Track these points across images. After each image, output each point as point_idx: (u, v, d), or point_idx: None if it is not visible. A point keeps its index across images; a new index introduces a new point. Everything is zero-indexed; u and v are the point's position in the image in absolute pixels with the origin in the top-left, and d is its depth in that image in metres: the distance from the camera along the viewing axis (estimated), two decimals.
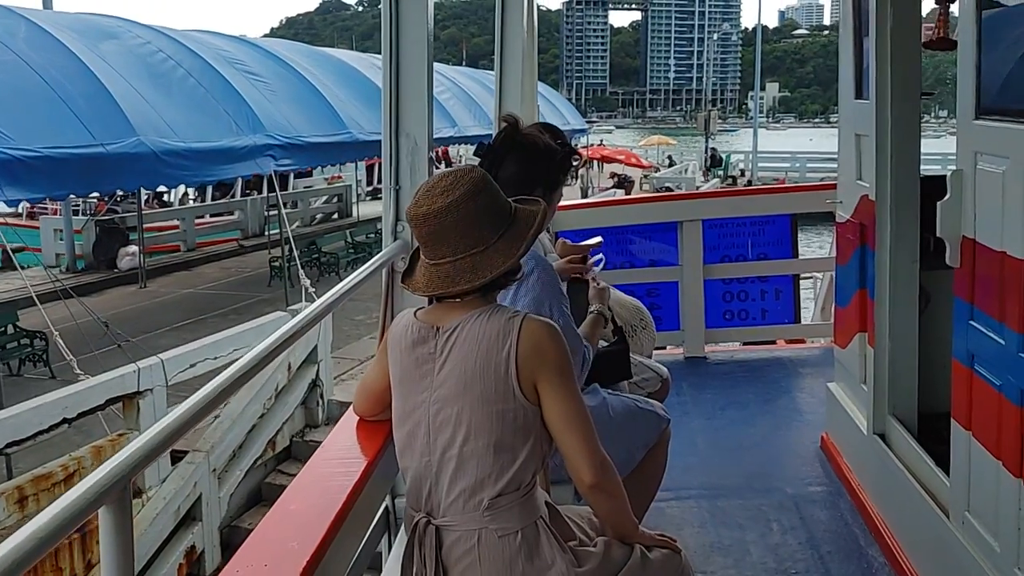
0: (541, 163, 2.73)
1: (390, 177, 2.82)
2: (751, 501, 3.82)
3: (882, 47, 3.35)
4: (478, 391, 1.97)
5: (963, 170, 2.57)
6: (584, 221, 5.82)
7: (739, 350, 5.98)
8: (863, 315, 3.73)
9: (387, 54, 2.79)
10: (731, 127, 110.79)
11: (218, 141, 11.15)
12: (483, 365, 1.97)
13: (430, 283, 2.04)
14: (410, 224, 2.06)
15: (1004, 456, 2.37)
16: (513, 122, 2.70)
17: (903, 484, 3.19)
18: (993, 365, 2.42)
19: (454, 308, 2.07)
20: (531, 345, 1.98)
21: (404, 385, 2.09)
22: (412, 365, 2.07)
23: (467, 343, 2.00)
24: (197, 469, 7.48)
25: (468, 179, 2.04)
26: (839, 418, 4.05)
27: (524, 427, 2.01)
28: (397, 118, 2.83)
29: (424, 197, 2.03)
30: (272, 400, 8.50)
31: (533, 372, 1.99)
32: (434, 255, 2.03)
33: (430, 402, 2.03)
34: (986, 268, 2.44)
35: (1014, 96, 2.36)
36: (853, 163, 3.85)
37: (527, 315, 2.02)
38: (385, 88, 2.82)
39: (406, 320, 2.13)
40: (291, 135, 12.44)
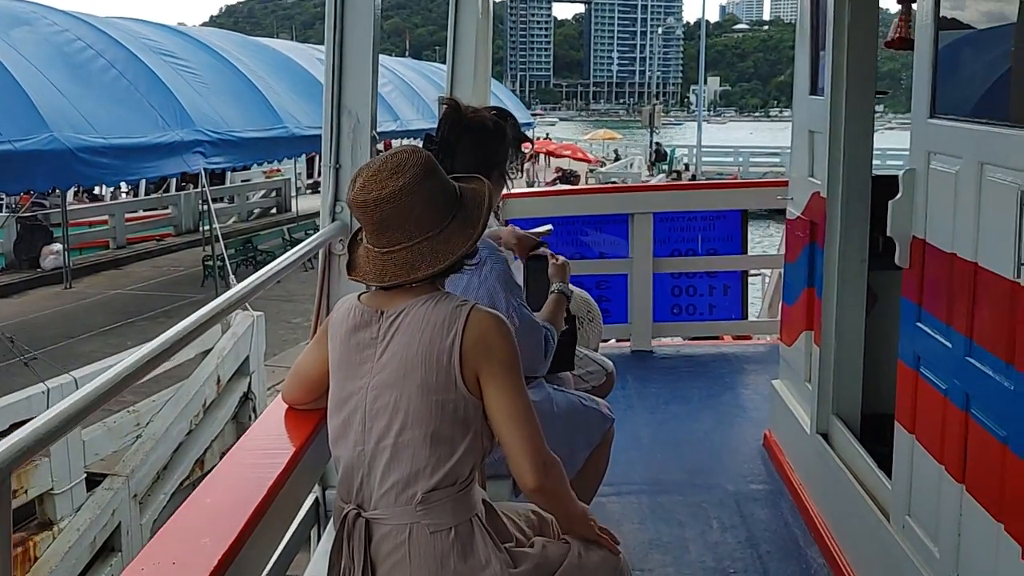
0: (495, 143, 2.63)
1: (330, 155, 2.70)
2: (692, 498, 3.78)
3: (839, 43, 3.30)
4: (419, 379, 1.89)
5: (915, 169, 2.53)
6: (535, 210, 5.74)
7: (685, 345, 5.95)
8: (810, 313, 3.71)
9: (331, 25, 2.66)
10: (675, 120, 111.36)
11: (141, 137, 10.39)
12: (426, 352, 1.89)
13: (384, 272, 1.93)
14: (356, 211, 1.94)
15: (947, 461, 2.34)
16: (455, 104, 2.58)
17: (844, 485, 3.16)
18: (939, 368, 2.38)
19: (401, 293, 1.97)
20: (477, 336, 1.90)
21: (342, 370, 1.99)
22: (352, 350, 1.97)
23: (411, 329, 1.91)
24: (116, 495, 6.80)
25: (416, 160, 1.94)
26: (782, 416, 4.03)
27: (464, 419, 1.92)
28: (339, 93, 2.71)
29: (371, 181, 1.91)
30: (200, 416, 7.91)
31: (477, 364, 1.91)
32: (387, 242, 1.92)
33: (368, 388, 1.94)
34: (935, 270, 2.41)
35: (969, 96, 2.33)
36: (805, 160, 3.82)
37: (475, 305, 1.93)
38: (328, 61, 2.70)
39: (348, 304, 2.03)
40: (222, 130, 11.74)
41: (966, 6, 2.46)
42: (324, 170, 2.71)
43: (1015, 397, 1.98)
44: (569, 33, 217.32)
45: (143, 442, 7.19)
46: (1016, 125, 2.02)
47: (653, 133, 39.71)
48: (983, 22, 2.35)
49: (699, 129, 36.56)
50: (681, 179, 32.32)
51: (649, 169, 34.72)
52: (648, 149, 38.30)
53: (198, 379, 7.78)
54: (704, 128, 38.10)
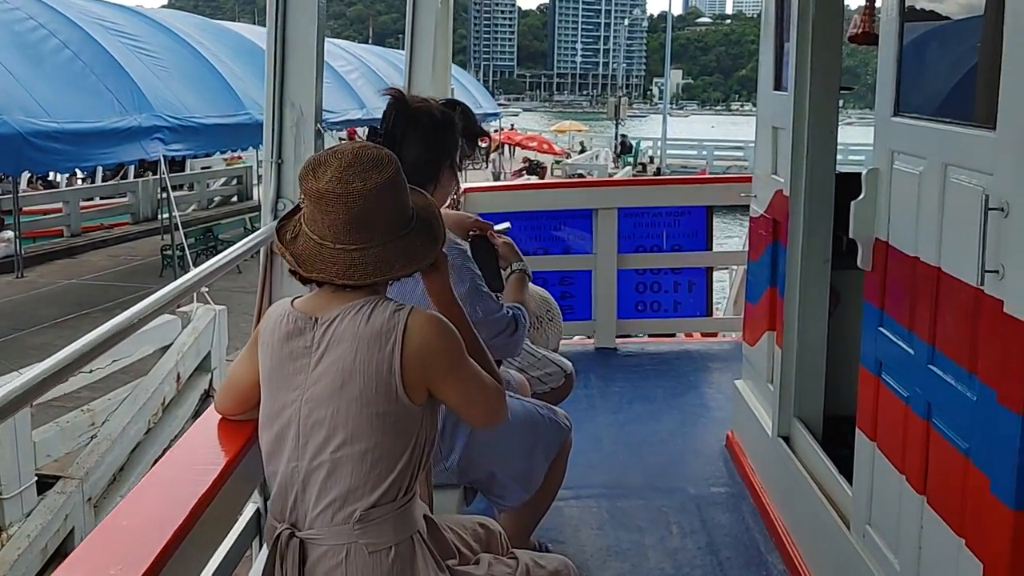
0: (444, 135, 2.52)
1: (271, 150, 2.57)
2: (652, 502, 3.70)
3: (803, 38, 3.23)
4: (356, 391, 1.78)
5: (879, 169, 2.45)
6: (498, 204, 5.63)
7: (649, 342, 5.87)
8: (772, 313, 3.63)
9: (272, 11, 2.53)
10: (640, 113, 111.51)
11: (97, 122, 9.86)
12: (364, 362, 1.78)
13: (356, 269, 1.81)
14: (323, 202, 1.79)
15: (908, 471, 2.27)
16: (399, 96, 2.47)
17: (806, 491, 3.09)
18: (901, 375, 2.31)
19: (338, 296, 1.86)
20: (418, 344, 1.79)
21: (275, 382, 1.88)
22: (285, 359, 1.86)
23: (347, 337, 1.80)
24: (69, 499, 6.35)
25: (391, 157, 1.85)
26: (745, 417, 3.96)
27: (406, 431, 1.82)
28: (282, 85, 2.57)
29: (348, 173, 1.79)
30: (159, 415, 7.54)
31: (422, 373, 1.82)
32: (357, 239, 1.81)
33: (302, 401, 1.82)
34: (898, 273, 2.33)
35: (933, 93, 2.25)
36: (769, 157, 3.74)
37: (413, 309, 1.83)
38: (270, 50, 2.56)
39: (281, 309, 1.91)
40: (182, 116, 11.19)
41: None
42: (265, 165, 2.58)
43: (977, 408, 1.90)
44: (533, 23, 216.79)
45: (98, 442, 6.86)
46: (980, 125, 1.94)
47: (618, 125, 39.42)
48: (950, 15, 2.27)
49: (664, 122, 36.49)
50: (647, 172, 32.25)
51: (615, 161, 34.47)
52: (613, 141, 38.01)
53: (157, 376, 7.49)
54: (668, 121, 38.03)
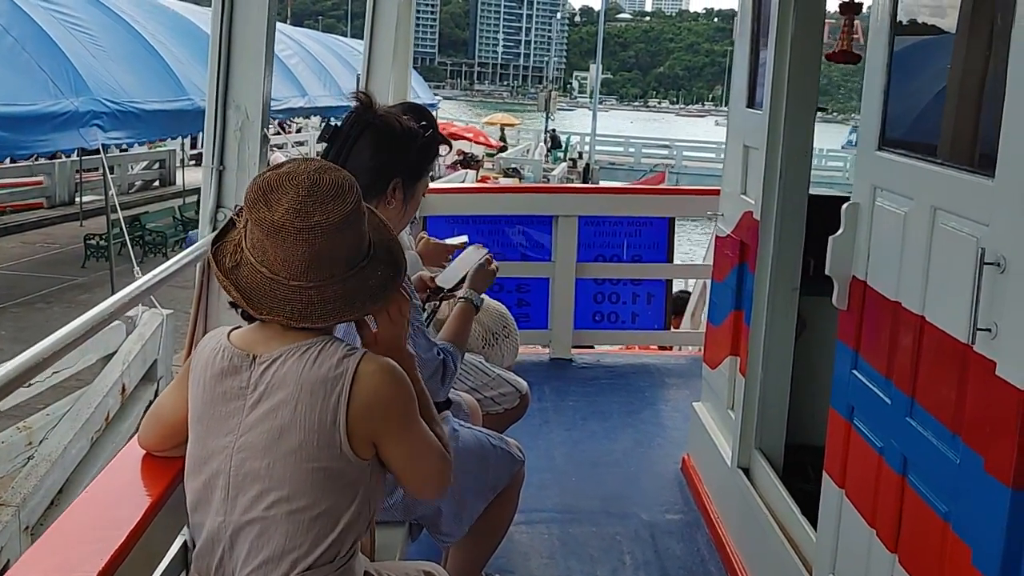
0: (399, 149, 2.33)
1: (212, 155, 2.37)
2: (605, 529, 3.56)
3: (780, 55, 3.10)
4: (295, 443, 1.59)
5: (859, 204, 2.32)
6: (457, 207, 5.46)
7: (606, 353, 5.75)
8: (736, 338, 3.52)
9: (218, 6, 2.32)
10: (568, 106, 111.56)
11: (31, 105, 8.88)
12: (305, 411, 1.59)
13: (313, 309, 1.62)
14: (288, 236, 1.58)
15: (879, 525, 2.15)
16: (367, 101, 2.29)
17: (765, 528, 2.98)
18: (875, 424, 2.19)
19: (283, 334, 1.66)
20: (368, 394, 1.61)
21: (204, 424, 1.68)
22: (217, 400, 1.66)
23: (288, 382, 1.61)
24: (5, 530, 5.61)
25: (351, 181, 1.65)
26: (702, 442, 3.85)
27: (350, 488, 1.64)
28: (226, 85, 2.37)
29: (309, 202, 1.58)
30: (101, 431, 6.81)
31: (370, 428, 1.64)
32: (316, 276, 1.61)
33: (234, 449, 1.63)
34: (876, 316, 2.21)
35: (925, 130, 2.13)
36: (738, 176, 3.62)
37: (365, 355, 1.64)
38: (214, 46, 2.35)
39: (215, 342, 1.71)
40: (121, 100, 10.19)
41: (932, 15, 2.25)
42: (204, 172, 2.38)
43: (961, 473, 1.79)
44: (455, 11, 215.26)
45: (35, 464, 6.09)
46: (976, 171, 1.82)
47: (548, 119, 38.66)
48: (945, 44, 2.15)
49: (594, 118, 36.27)
50: (576, 167, 31.89)
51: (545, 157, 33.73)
52: (542, 135, 37.16)
53: (100, 388, 6.80)
54: (586, 115, 37.71)
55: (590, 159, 33.43)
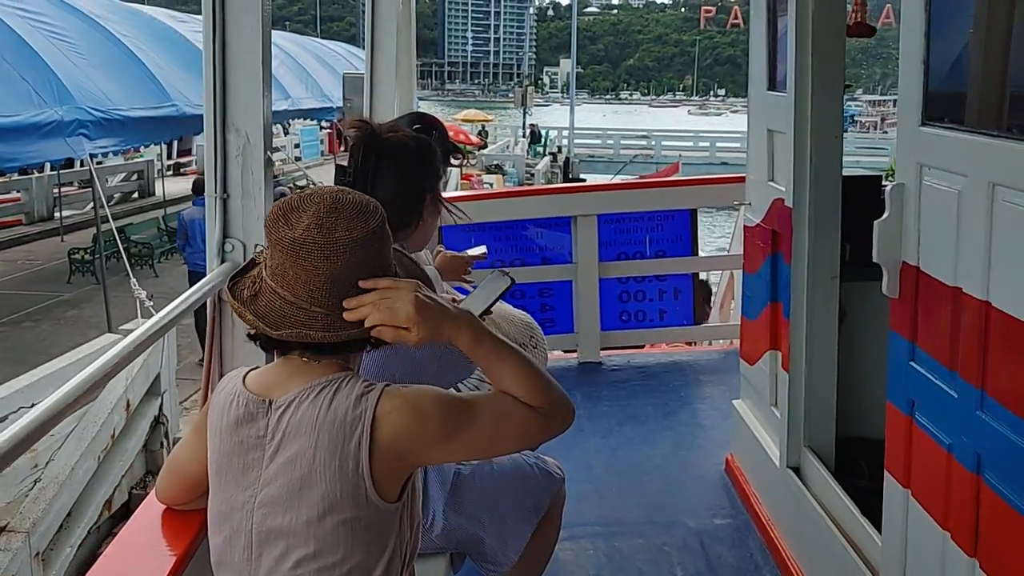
0: (420, 164, 2.21)
1: (215, 183, 2.24)
2: (652, 540, 3.42)
3: (802, 34, 2.94)
4: (317, 495, 1.46)
5: (905, 185, 2.17)
6: (472, 214, 5.30)
7: (636, 353, 5.59)
8: (775, 332, 3.36)
9: (209, 21, 2.20)
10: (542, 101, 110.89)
11: (15, 116, 8.60)
12: (325, 461, 1.46)
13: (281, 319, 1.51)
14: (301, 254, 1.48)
15: (953, 528, 2.00)
16: (367, 128, 2.14)
17: (823, 531, 2.82)
18: (941, 419, 2.04)
19: (299, 372, 1.53)
20: (391, 434, 1.47)
21: (223, 476, 1.56)
22: (235, 450, 1.54)
23: (304, 427, 1.48)
24: (15, 557, 5.40)
25: (373, 203, 1.54)
26: (746, 441, 3.69)
27: (380, 535, 1.51)
28: (224, 107, 2.25)
29: (331, 218, 1.48)
30: (108, 449, 6.67)
31: (398, 465, 1.50)
32: (337, 299, 1.51)
33: (255, 504, 1.50)
34: (934, 304, 2.05)
35: (974, 99, 1.97)
36: (764, 162, 3.46)
37: (384, 390, 1.50)
38: (207, 67, 2.24)
39: (231, 387, 1.58)
40: (106, 108, 9.92)
41: None
42: (208, 201, 2.25)
43: None
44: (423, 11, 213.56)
45: (43, 487, 5.94)
46: None
47: (526, 115, 38.31)
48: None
49: (572, 112, 35.98)
50: (557, 161, 31.50)
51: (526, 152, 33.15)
52: (519, 130, 36.87)
53: (105, 405, 6.62)
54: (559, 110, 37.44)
55: (570, 152, 33.10)
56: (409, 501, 1.57)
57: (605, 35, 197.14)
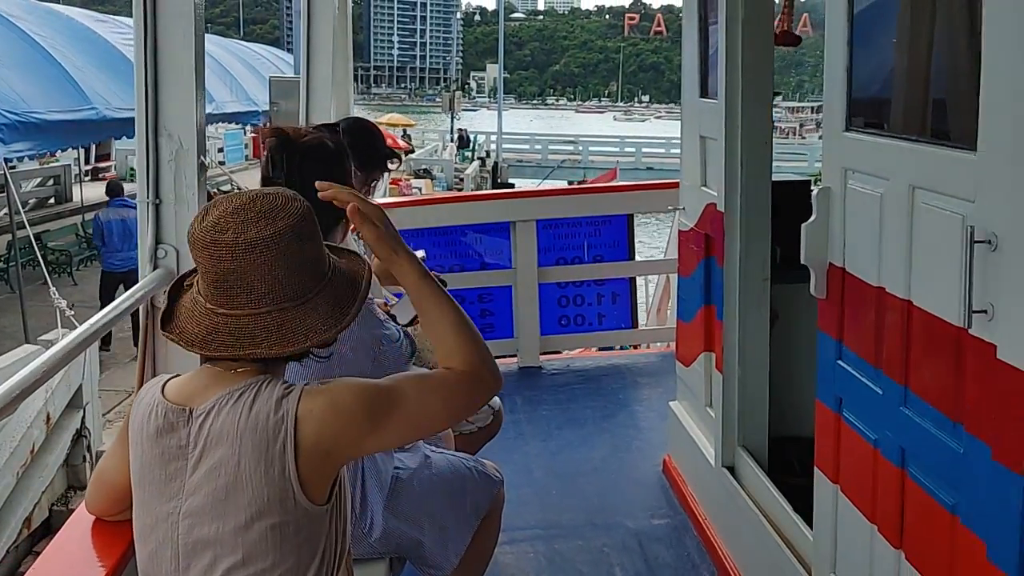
0: (340, 165, 2.19)
1: (147, 188, 2.21)
2: (591, 541, 3.45)
3: (732, 42, 3.01)
4: (243, 502, 1.44)
5: (831, 188, 2.24)
6: (408, 220, 5.30)
7: (575, 357, 5.64)
8: (709, 334, 3.43)
9: (140, 23, 2.17)
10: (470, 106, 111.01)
11: None
12: (250, 467, 1.44)
13: (215, 337, 1.48)
14: (197, 251, 1.48)
15: (880, 521, 2.06)
16: (281, 134, 2.12)
17: (758, 529, 2.88)
18: (867, 416, 2.10)
19: (218, 379, 1.51)
20: (315, 434, 1.46)
21: (146, 489, 1.53)
22: (157, 462, 1.51)
23: (226, 433, 1.46)
24: None
25: (295, 208, 1.50)
26: (682, 442, 3.75)
27: (311, 539, 1.50)
28: (156, 111, 2.21)
29: (229, 219, 1.46)
30: (27, 464, 6.38)
31: (327, 463, 1.49)
32: (228, 301, 1.47)
33: (180, 515, 1.48)
34: (860, 304, 2.12)
35: (896, 106, 2.04)
36: (697, 168, 3.54)
37: (304, 389, 1.49)
38: (139, 70, 2.20)
39: (150, 397, 1.55)
40: (21, 111, 9.48)
41: None
42: (140, 206, 2.22)
43: (966, 462, 1.70)
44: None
45: None
46: (955, 145, 1.73)
47: (455, 119, 38.57)
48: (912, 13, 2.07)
49: (499, 117, 36.16)
50: (486, 166, 31.50)
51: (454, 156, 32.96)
52: (447, 135, 36.85)
53: (23, 419, 6.31)
54: (487, 115, 37.43)
55: (498, 157, 33.13)
56: (338, 502, 1.56)
57: (531, 40, 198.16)
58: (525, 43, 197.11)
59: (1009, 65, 1.52)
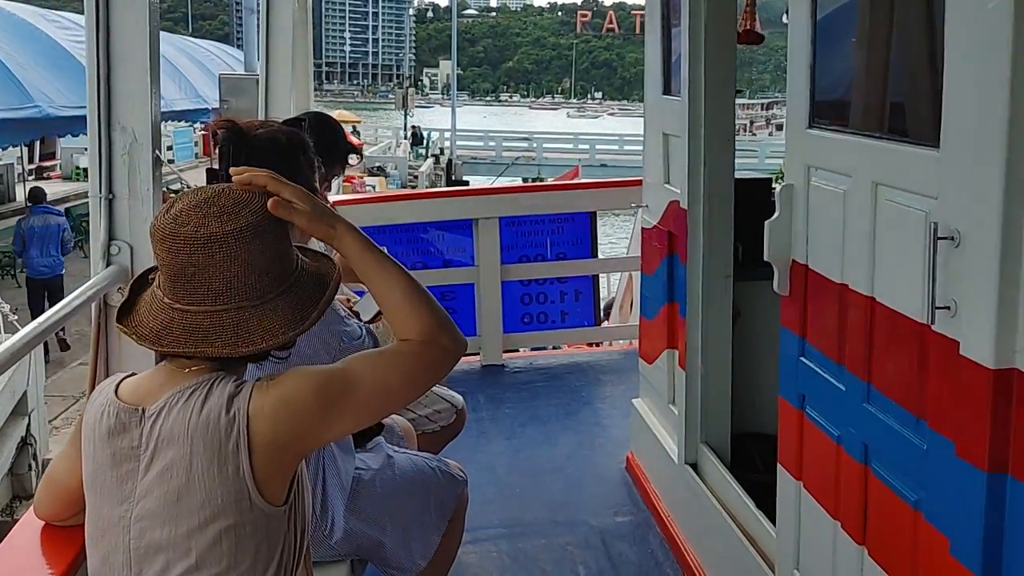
0: (294, 160, 2.14)
1: (100, 183, 2.14)
2: (555, 539, 3.43)
3: (695, 39, 3.01)
4: (196, 503, 1.40)
5: (793, 185, 2.24)
6: (372, 217, 5.25)
7: (538, 355, 5.63)
8: (672, 331, 3.43)
9: (92, 14, 2.11)
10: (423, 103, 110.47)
11: None
12: (202, 468, 1.40)
13: (168, 332, 1.43)
14: (156, 243, 1.44)
15: (843, 518, 2.07)
16: (233, 127, 2.06)
17: (721, 526, 2.89)
18: (830, 412, 2.11)
19: (171, 378, 1.47)
20: (268, 432, 1.42)
21: (98, 491, 1.48)
22: (109, 463, 1.46)
23: (176, 435, 1.41)
24: None
25: (258, 205, 1.45)
26: (646, 439, 3.75)
27: (268, 541, 1.46)
28: (108, 103, 2.15)
29: (191, 213, 1.42)
30: None
31: (283, 459, 1.45)
32: (185, 297, 1.43)
33: (131, 519, 1.43)
34: (822, 300, 2.13)
35: (858, 103, 2.05)
36: (660, 165, 3.54)
37: (255, 388, 1.44)
38: (90, 61, 2.13)
39: (103, 397, 1.50)
40: None
41: None
42: (92, 201, 2.15)
43: (929, 459, 1.70)
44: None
45: None
46: (917, 142, 1.74)
47: (408, 116, 38.34)
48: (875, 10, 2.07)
49: (453, 113, 36.06)
50: (440, 163, 31.27)
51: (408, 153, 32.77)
52: (401, 132, 36.58)
53: None
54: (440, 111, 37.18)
55: (452, 154, 32.92)
56: (297, 501, 1.52)
57: (484, 37, 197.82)
58: (478, 40, 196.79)
59: (972, 61, 1.53)
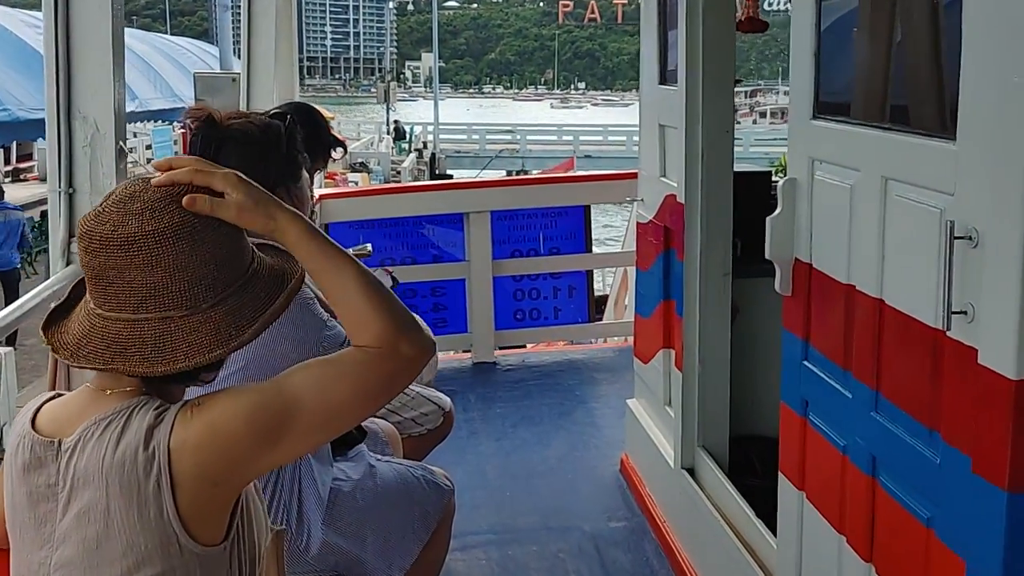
0: (268, 155, 2.01)
1: (59, 176, 2.02)
2: (547, 546, 3.32)
3: (693, 27, 2.89)
4: (118, 551, 1.24)
5: (797, 180, 2.12)
6: (360, 211, 5.13)
7: (531, 352, 5.51)
8: (668, 330, 3.31)
9: None
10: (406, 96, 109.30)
11: None
12: (121, 513, 1.23)
13: (87, 342, 1.26)
14: (78, 242, 1.29)
15: (849, 531, 1.95)
16: (206, 117, 1.93)
17: (718, 533, 2.77)
18: (835, 420, 1.99)
19: (94, 402, 1.30)
20: (196, 465, 1.24)
21: (18, 532, 1.33)
22: (26, 502, 1.30)
23: (92, 473, 1.24)
24: None
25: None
26: (640, 441, 3.64)
27: None
28: (68, 92, 2.02)
29: (114, 208, 1.26)
30: None
31: (216, 493, 1.28)
32: (106, 302, 1.26)
33: (51, 566, 1.28)
34: (827, 301, 2.01)
35: (867, 92, 1.93)
36: (656, 158, 3.41)
37: (177, 415, 1.26)
38: (48, 47, 2.00)
39: (21, 426, 1.33)
40: None
41: None
42: (51, 196, 2.02)
43: (943, 474, 1.59)
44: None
45: None
46: (932, 134, 1.62)
47: (390, 110, 38.00)
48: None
49: (436, 107, 35.75)
50: (423, 158, 31.04)
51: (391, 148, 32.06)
52: (383, 127, 35.98)
53: None
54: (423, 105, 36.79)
55: (435, 148, 32.43)
56: (241, 534, 1.35)
57: (466, 29, 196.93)
58: (460, 32, 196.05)
59: (991, 46, 1.41)
